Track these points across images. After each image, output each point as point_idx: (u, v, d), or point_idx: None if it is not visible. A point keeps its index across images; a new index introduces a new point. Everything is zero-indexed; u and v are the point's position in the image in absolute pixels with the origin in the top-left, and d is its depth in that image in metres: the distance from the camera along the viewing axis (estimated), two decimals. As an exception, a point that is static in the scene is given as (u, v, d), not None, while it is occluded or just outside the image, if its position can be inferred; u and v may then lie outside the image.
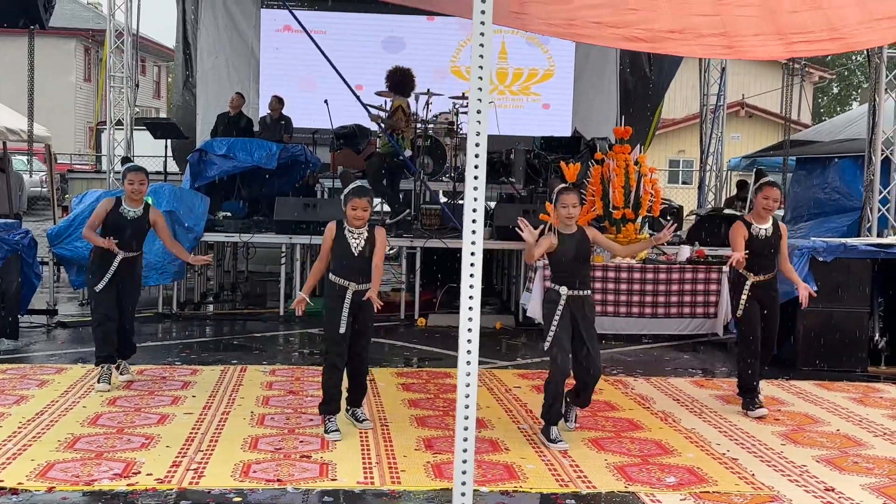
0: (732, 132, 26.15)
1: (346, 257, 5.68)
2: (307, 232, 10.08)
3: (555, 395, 5.81)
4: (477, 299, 3.74)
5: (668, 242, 10.09)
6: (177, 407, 6.31)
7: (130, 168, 6.95)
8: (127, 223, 6.74)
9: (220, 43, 14.87)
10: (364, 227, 5.71)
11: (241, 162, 11.27)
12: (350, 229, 5.69)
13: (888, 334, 8.39)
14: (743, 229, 6.53)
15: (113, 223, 6.72)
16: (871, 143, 10.91)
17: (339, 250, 5.71)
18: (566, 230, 5.85)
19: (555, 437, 5.71)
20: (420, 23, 14.89)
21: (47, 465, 5.01)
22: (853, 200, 12.35)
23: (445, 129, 11.88)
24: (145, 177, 6.83)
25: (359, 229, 5.69)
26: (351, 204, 5.64)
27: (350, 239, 5.67)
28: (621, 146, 9.75)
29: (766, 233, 6.53)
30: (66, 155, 28.80)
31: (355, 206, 5.64)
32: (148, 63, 39.03)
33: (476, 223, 3.60)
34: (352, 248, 5.67)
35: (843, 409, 6.87)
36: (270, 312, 10.51)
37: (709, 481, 5.08)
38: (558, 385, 5.80)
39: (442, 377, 7.45)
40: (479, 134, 3.54)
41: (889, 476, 5.28)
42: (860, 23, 5.92)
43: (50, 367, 7.49)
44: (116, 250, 6.65)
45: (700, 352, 9.11)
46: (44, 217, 19.41)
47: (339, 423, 5.77)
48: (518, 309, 10.09)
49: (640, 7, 6.01)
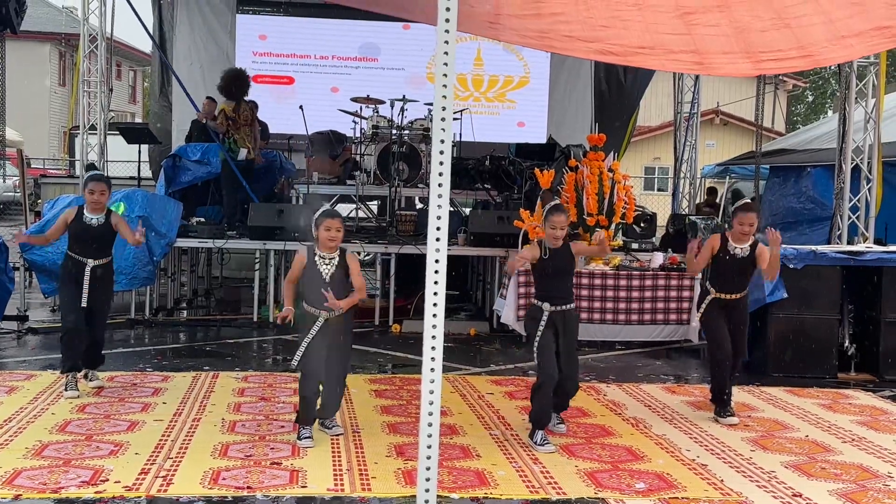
0: (707, 140, 26.35)
1: (318, 285, 5.56)
2: (281, 238, 10.06)
3: (542, 400, 5.85)
4: (441, 305, 3.77)
5: (641, 249, 10.21)
6: (147, 414, 6.27)
7: (92, 177, 6.85)
8: (90, 230, 6.69)
9: (195, 48, 14.83)
10: (335, 252, 5.63)
11: (215, 167, 11.24)
12: (321, 254, 5.60)
13: (858, 341, 8.48)
14: (717, 243, 6.54)
15: (76, 232, 6.69)
16: (841, 151, 11.02)
17: (310, 279, 5.60)
18: (552, 245, 5.91)
19: (541, 441, 5.77)
20: (396, 30, 14.92)
21: (14, 472, 4.96)
22: (827, 210, 12.46)
23: (421, 135, 11.90)
24: (106, 187, 6.76)
25: (330, 254, 5.60)
26: (324, 225, 5.55)
27: (321, 266, 5.58)
28: (595, 153, 9.80)
29: (741, 252, 6.50)
30: (40, 159, 28.58)
31: (328, 227, 5.55)
32: (124, 67, 38.85)
33: (441, 230, 3.61)
34: (322, 274, 5.58)
35: (813, 415, 6.93)
36: (244, 319, 10.46)
37: (678, 487, 5.11)
38: (546, 390, 5.83)
39: (415, 383, 7.44)
40: (443, 142, 3.55)
41: (856, 482, 5.33)
42: (828, 40, 5.99)
43: (20, 373, 7.42)
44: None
45: (672, 358, 9.17)
46: (16, 222, 19.23)
47: (311, 430, 5.74)
48: (493, 315, 10.11)
49: (610, 25, 6.06)
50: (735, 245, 6.50)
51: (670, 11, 5.72)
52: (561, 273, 5.94)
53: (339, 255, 5.65)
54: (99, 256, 6.75)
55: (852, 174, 10.97)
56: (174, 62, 14.92)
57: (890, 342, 8.29)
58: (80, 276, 6.66)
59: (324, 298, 5.50)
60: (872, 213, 11.10)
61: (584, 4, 5.97)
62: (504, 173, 11.79)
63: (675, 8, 5.77)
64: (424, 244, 10.85)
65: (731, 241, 6.53)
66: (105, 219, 6.74)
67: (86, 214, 6.70)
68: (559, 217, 5.90)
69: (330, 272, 5.59)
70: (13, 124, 22.40)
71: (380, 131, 11.99)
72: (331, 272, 5.59)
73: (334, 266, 5.61)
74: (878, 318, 8.30)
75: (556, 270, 5.91)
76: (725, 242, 6.54)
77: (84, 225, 6.68)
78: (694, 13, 5.71)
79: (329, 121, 12.92)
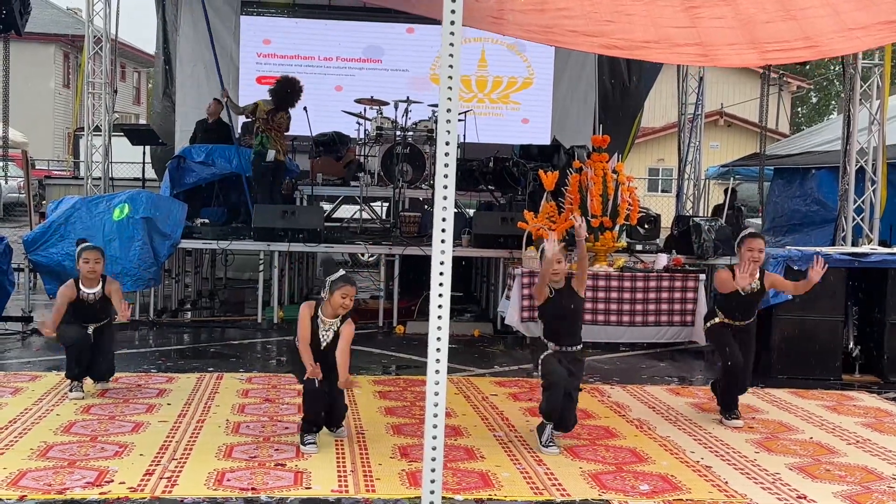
0: (711, 141, 26.35)
1: (314, 347, 5.58)
2: (285, 239, 10.07)
3: (552, 399, 5.71)
4: (446, 306, 3.78)
5: (645, 251, 10.21)
6: (152, 415, 6.28)
7: (85, 248, 6.84)
8: (89, 305, 6.77)
9: (199, 50, 14.82)
10: (338, 319, 5.61)
11: (220, 169, 11.27)
12: (322, 319, 5.58)
13: (862, 343, 8.46)
14: (727, 278, 6.32)
15: (76, 309, 6.74)
16: (845, 153, 11.00)
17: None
18: (555, 285, 5.81)
19: (546, 442, 5.75)
20: (400, 32, 14.95)
21: (19, 473, 4.98)
22: (832, 212, 12.44)
23: (425, 136, 11.91)
24: (101, 255, 6.82)
25: (331, 320, 5.58)
26: (340, 292, 5.51)
27: (321, 331, 5.58)
28: (599, 154, 9.79)
29: (752, 289, 6.41)
30: (44, 161, 28.64)
31: (345, 295, 5.52)
32: (128, 69, 38.89)
33: (446, 232, 3.62)
34: (320, 340, 5.58)
35: (817, 417, 6.92)
36: (248, 320, 10.47)
37: (682, 489, 5.11)
38: (557, 389, 5.68)
39: (419, 385, 7.44)
40: (448, 143, 3.56)
41: (861, 484, 5.33)
42: (834, 32, 5.98)
43: (24, 374, 7.44)
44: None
45: (676, 360, 9.16)
46: (21, 223, 19.27)
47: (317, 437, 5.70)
48: (496, 317, 10.10)
49: (614, 20, 6.05)
50: (744, 283, 6.29)
51: (675, 5, 5.72)
52: (565, 315, 5.80)
53: (341, 321, 5.62)
54: (99, 321, 6.87)
55: (857, 176, 10.95)
56: (178, 63, 14.95)
57: (894, 344, 8.28)
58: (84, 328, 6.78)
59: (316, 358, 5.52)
60: (877, 215, 11.08)
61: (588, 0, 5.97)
62: (508, 174, 11.79)
63: (681, 2, 5.77)
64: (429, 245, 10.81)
65: (739, 273, 6.27)
66: (101, 290, 6.80)
67: (83, 290, 6.74)
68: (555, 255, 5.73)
69: (327, 339, 5.60)
70: (18, 125, 22.44)
71: (384, 133, 12.00)
72: (328, 339, 5.60)
73: (332, 333, 5.60)
74: (883, 319, 8.28)
75: (561, 312, 5.79)
76: (733, 276, 6.29)
77: (83, 301, 6.75)
78: (699, 7, 5.71)
79: (333, 122, 12.93)
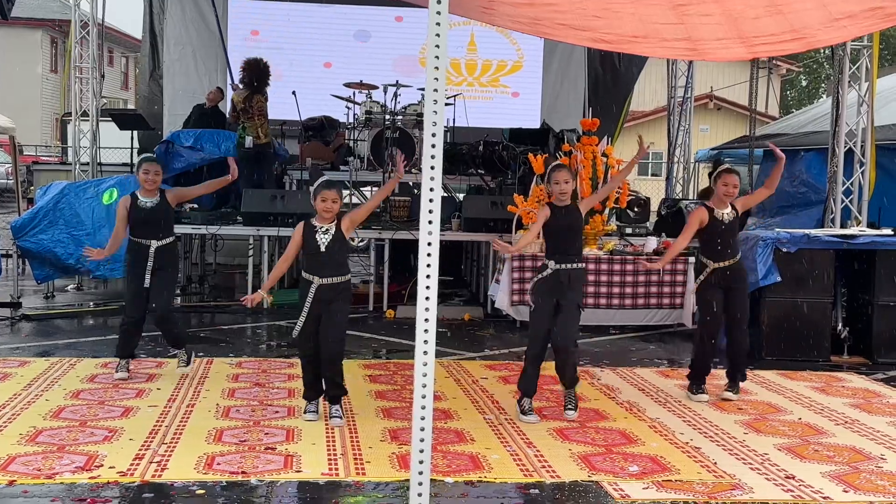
0: (701, 124, 26.33)
1: (314, 254, 5.78)
2: (275, 224, 10.05)
3: (530, 361, 6.05)
4: (434, 289, 3.78)
5: (634, 234, 10.22)
6: (141, 400, 6.27)
7: (145, 159, 6.99)
8: (148, 214, 6.78)
9: (187, 34, 14.75)
10: (332, 223, 5.79)
11: (208, 154, 11.21)
12: (318, 226, 5.78)
13: (851, 324, 8.50)
14: (704, 214, 6.62)
15: (135, 218, 6.77)
16: (834, 135, 11.02)
17: (307, 248, 5.81)
18: (560, 203, 6.05)
19: (526, 409, 5.93)
20: (388, 19, 14.90)
21: (8, 458, 4.97)
22: (821, 194, 12.46)
23: (414, 120, 11.88)
24: (161, 167, 6.91)
25: (327, 224, 5.78)
26: (321, 196, 5.75)
27: (318, 235, 5.77)
28: (589, 138, 9.79)
29: (728, 217, 6.64)
30: (32, 146, 28.46)
31: (325, 198, 5.74)
32: (116, 54, 38.65)
33: (433, 214, 3.62)
34: (319, 244, 5.76)
35: (806, 398, 6.95)
36: (238, 305, 10.42)
37: (671, 470, 5.13)
38: (534, 351, 6.04)
39: (409, 368, 7.42)
40: (435, 124, 3.54)
41: (849, 464, 5.36)
42: (821, 24, 5.97)
43: (13, 360, 7.42)
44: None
45: (666, 342, 9.19)
46: (9, 209, 19.18)
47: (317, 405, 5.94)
48: (487, 301, 10.11)
49: (603, 16, 6.07)
50: (721, 211, 6.63)
51: (663, 4, 5.73)
52: (569, 228, 6.04)
53: (336, 224, 5.80)
54: (161, 237, 6.83)
55: (846, 158, 10.97)
56: (165, 47, 14.85)
57: (883, 325, 8.32)
58: (145, 260, 6.75)
59: (319, 265, 5.73)
60: (866, 197, 11.11)
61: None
62: (498, 158, 11.77)
63: (668, 0, 5.77)
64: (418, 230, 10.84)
65: (717, 208, 6.64)
66: (161, 199, 6.83)
67: (140, 199, 6.78)
68: (561, 173, 6.05)
69: (325, 241, 5.75)
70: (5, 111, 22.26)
71: (373, 117, 11.96)
72: (326, 241, 5.75)
73: (330, 236, 5.76)
74: (871, 301, 8.32)
75: (565, 225, 6.02)
76: (711, 211, 6.63)
77: (141, 210, 6.76)
78: (687, 4, 5.71)
79: (322, 106, 12.88)
